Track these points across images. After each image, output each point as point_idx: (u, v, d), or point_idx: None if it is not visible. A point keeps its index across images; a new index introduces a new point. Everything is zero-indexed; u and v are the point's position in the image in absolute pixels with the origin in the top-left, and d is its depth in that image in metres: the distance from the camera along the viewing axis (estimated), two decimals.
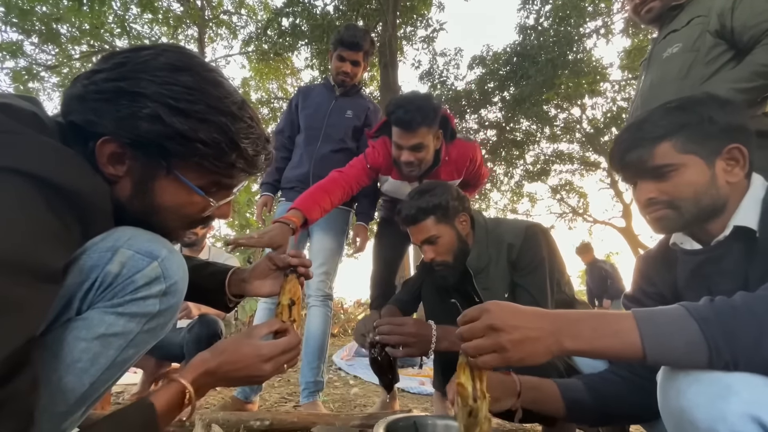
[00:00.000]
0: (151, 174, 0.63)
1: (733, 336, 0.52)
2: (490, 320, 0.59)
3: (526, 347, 0.57)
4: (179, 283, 0.65)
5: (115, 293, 0.59)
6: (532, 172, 12.47)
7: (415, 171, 1.59)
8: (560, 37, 9.58)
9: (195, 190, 0.66)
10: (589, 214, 13.74)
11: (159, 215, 0.67)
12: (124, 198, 0.64)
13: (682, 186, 0.76)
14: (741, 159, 0.76)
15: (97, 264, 0.58)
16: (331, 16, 9.34)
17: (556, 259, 1.29)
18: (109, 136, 0.59)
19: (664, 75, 1.39)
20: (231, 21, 12.38)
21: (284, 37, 9.59)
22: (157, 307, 0.62)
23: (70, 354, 0.56)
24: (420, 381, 2.70)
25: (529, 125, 11.60)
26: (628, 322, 0.56)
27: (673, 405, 0.57)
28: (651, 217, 0.81)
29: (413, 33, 10.58)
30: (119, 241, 0.60)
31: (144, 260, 0.60)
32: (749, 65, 1.21)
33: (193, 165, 0.63)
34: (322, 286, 1.89)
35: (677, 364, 0.56)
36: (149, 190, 0.64)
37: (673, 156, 0.76)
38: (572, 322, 0.58)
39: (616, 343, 0.56)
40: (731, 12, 1.26)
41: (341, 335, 6.42)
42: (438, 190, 1.28)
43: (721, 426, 0.50)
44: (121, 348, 0.60)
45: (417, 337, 1.14)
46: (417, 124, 1.47)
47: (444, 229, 1.26)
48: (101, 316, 0.58)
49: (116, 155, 0.61)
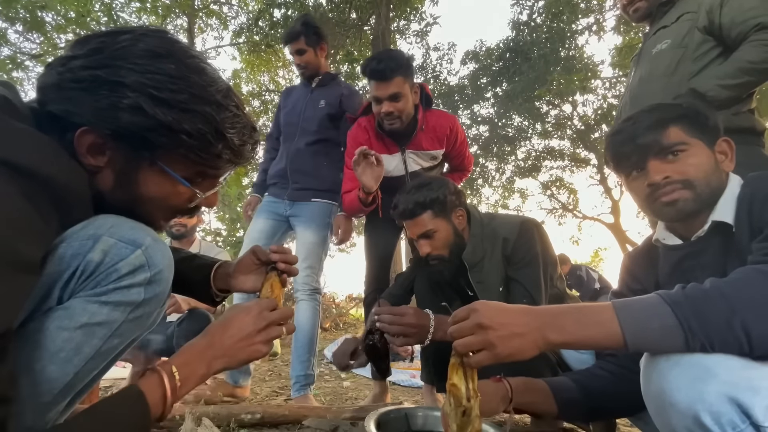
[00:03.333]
0: (134, 165, 0.61)
1: (705, 317, 0.54)
2: (478, 318, 0.61)
3: (514, 343, 0.60)
4: (164, 272, 0.63)
5: (97, 282, 0.57)
6: (523, 168, 12.55)
7: (396, 123, 1.63)
8: (553, 33, 9.62)
9: (180, 182, 0.64)
10: (578, 210, 13.89)
11: (143, 206, 0.65)
12: (105, 188, 0.62)
13: (694, 165, 0.79)
14: (729, 152, 0.81)
15: (78, 252, 0.56)
16: (323, 8, 9.24)
17: (549, 254, 1.30)
18: (88, 127, 0.57)
19: (653, 71, 1.41)
20: (221, 11, 12.16)
21: (276, 28, 9.45)
22: (141, 296, 0.60)
23: (53, 343, 0.54)
24: (411, 374, 2.71)
25: (521, 121, 11.66)
26: (608, 312, 0.58)
27: (655, 388, 0.59)
28: (665, 200, 0.80)
29: (407, 27, 10.52)
30: (101, 229, 0.58)
31: (127, 248, 0.59)
32: (735, 62, 1.22)
33: (178, 156, 0.62)
34: (308, 280, 1.89)
35: (657, 348, 0.58)
36: (132, 181, 0.62)
37: (684, 137, 0.80)
38: (555, 316, 0.61)
39: (598, 333, 0.58)
40: (719, 8, 1.27)
41: (333, 329, 6.42)
42: (435, 185, 1.28)
43: (700, 407, 0.52)
44: (105, 337, 0.58)
45: (416, 327, 1.15)
46: (391, 72, 1.55)
47: (441, 223, 1.26)
48: (84, 305, 0.56)
49: (96, 146, 0.59)
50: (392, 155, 1.76)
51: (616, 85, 10.43)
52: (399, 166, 1.77)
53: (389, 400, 1.90)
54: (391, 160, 1.75)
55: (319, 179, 1.94)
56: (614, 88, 10.56)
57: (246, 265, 0.86)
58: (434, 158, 1.81)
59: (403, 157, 1.76)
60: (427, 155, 1.78)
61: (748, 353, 0.53)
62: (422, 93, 1.73)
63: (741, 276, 0.58)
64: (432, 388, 1.73)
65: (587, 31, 9.75)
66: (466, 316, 0.64)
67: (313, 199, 1.94)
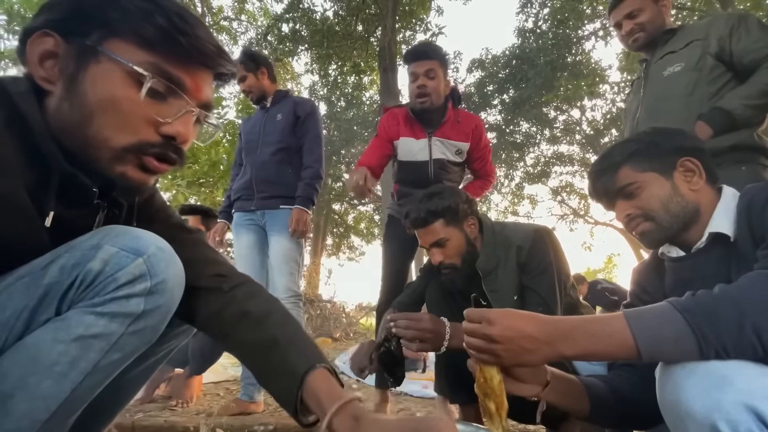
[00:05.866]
0: (81, 63, 0.54)
1: (716, 322, 0.54)
2: (488, 330, 0.63)
3: (522, 357, 0.62)
4: (168, 282, 0.59)
5: (96, 292, 0.55)
6: (532, 174, 12.50)
7: (426, 102, 1.77)
8: (559, 39, 9.64)
9: (128, 66, 0.53)
10: (590, 216, 13.75)
11: (95, 120, 0.54)
12: (55, 109, 0.55)
13: (649, 198, 0.85)
14: (695, 169, 0.85)
15: (80, 262, 0.55)
16: (330, 21, 9.41)
17: (562, 262, 1.29)
18: (40, 30, 0.54)
19: (668, 91, 1.51)
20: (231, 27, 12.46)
21: (284, 42, 9.65)
22: (141, 307, 0.57)
23: (48, 356, 0.52)
24: (423, 384, 2.69)
25: (528, 127, 11.65)
26: (620, 322, 0.58)
27: (670, 398, 0.58)
28: (636, 233, 0.89)
29: (412, 37, 10.64)
30: (105, 238, 0.57)
31: (128, 257, 0.56)
32: (757, 84, 1.34)
33: (124, 40, 0.54)
34: (290, 285, 1.91)
35: (671, 357, 0.58)
36: (80, 86, 0.53)
37: (633, 175, 0.87)
38: (567, 330, 0.61)
39: (611, 345, 0.58)
40: (729, 37, 1.41)
41: (343, 339, 6.41)
42: (446, 193, 1.28)
43: (717, 415, 0.51)
44: (103, 351, 0.55)
45: (432, 333, 1.14)
46: (431, 52, 1.78)
47: (453, 231, 1.26)
48: (80, 316, 0.54)
49: (47, 52, 0.54)
50: (418, 140, 1.85)
51: (625, 89, 10.37)
52: (424, 150, 1.84)
53: (389, 409, 1.89)
54: (416, 144, 1.85)
55: (285, 187, 1.98)
56: (623, 92, 10.51)
57: None
58: (459, 152, 1.88)
59: (429, 143, 1.84)
60: (453, 146, 1.86)
61: (762, 357, 0.53)
62: (454, 92, 1.90)
63: (748, 281, 0.58)
64: (445, 399, 1.71)
65: (593, 36, 9.76)
66: (478, 320, 0.65)
67: (282, 206, 1.97)
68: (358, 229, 15.66)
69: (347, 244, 16.31)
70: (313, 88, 11.32)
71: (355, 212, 15.64)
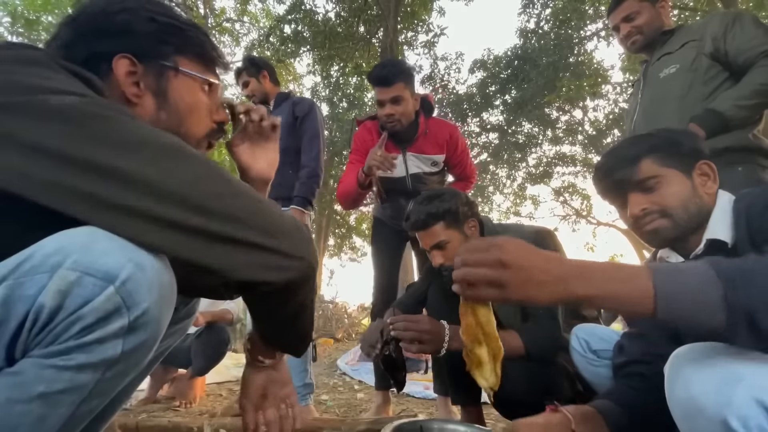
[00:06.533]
0: (164, 80, 0.67)
1: (749, 275, 0.51)
2: (500, 254, 0.56)
3: (530, 290, 0.56)
4: (152, 310, 0.47)
5: (55, 335, 0.42)
6: (534, 175, 12.47)
7: (396, 125, 1.76)
8: (561, 40, 9.63)
9: (201, 78, 0.70)
10: (592, 216, 13.71)
11: (186, 121, 0.69)
12: (152, 116, 0.66)
13: (669, 195, 0.83)
14: (711, 174, 0.84)
15: (28, 294, 0.42)
16: (332, 22, 9.43)
17: None
18: (118, 54, 0.62)
19: (665, 93, 1.51)
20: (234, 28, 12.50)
21: (286, 43, 9.68)
22: (119, 349, 0.45)
23: (6, 420, 0.41)
24: (425, 385, 2.69)
25: (531, 128, 11.62)
26: (642, 270, 0.55)
27: (680, 394, 0.57)
28: (647, 229, 0.86)
29: (414, 38, 10.66)
30: (63, 254, 0.43)
31: (95, 285, 0.43)
32: (749, 84, 1.32)
33: (189, 57, 0.69)
34: None
35: (689, 312, 0.53)
36: (169, 97, 0.67)
37: (656, 169, 0.84)
38: (583, 268, 0.56)
39: (627, 288, 0.54)
40: (724, 37, 1.39)
41: (345, 340, 6.42)
42: (446, 196, 1.29)
43: (728, 411, 0.50)
44: (75, 404, 0.45)
45: (431, 335, 1.15)
46: (394, 77, 1.72)
47: (453, 234, 1.27)
48: (37, 370, 0.42)
49: (130, 71, 0.64)
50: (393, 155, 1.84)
51: (627, 90, 10.35)
52: (400, 166, 1.85)
53: (391, 411, 1.90)
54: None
55: (287, 188, 1.99)
56: (625, 92, 10.48)
57: None
58: (435, 163, 1.88)
59: (404, 158, 1.85)
60: (428, 159, 1.86)
61: None
62: (425, 102, 1.87)
63: None
64: (446, 399, 1.72)
65: (595, 36, 9.74)
66: (486, 248, 0.58)
67: (284, 208, 1.98)
68: (360, 229, 15.66)
69: (349, 244, 16.32)
70: (315, 89, 11.35)
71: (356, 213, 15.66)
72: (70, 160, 0.46)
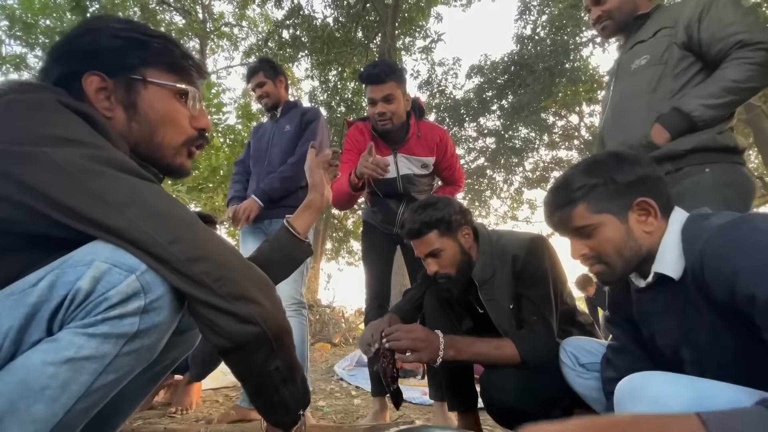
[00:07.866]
0: (133, 93, 0.69)
1: None
2: None
3: None
4: (164, 298, 0.58)
5: (87, 312, 0.53)
6: (531, 179, 12.52)
7: (387, 124, 1.76)
8: (557, 46, 9.69)
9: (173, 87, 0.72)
10: None
11: (159, 130, 0.71)
12: (124, 128, 0.69)
13: (603, 242, 0.82)
14: (651, 209, 0.81)
15: (69, 280, 0.54)
16: (330, 27, 9.48)
17: (558, 270, 1.31)
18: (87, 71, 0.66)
19: (633, 88, 1.37)
20: (232, 33, 12.54)
21: (285, 48, 9.71)
22: (136, 327, 0.55)
23: (37, 380, 0.50)
24: (422, 391, 2.69)
25: (527, 133, 11.69)
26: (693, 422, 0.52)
27: None
28: (590, 272, 0.89)
29: (412, 43, 10.73)
30: (96, 253, 0.55)
31: (120, 274, 0.55)
32: (719, 81, 1.18)
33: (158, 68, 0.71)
34: (293, 292, 1.91)
35: None
36: (140, 108, 0.70)
37: (589, 217, 0.83)
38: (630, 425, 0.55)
39: None
40: (698, 23, 1.23)
41: (342, 344, 6.39)
42: (440, 204, 1.30)
43: None
44: (96, 373, 0.54)
45: (426, 343, 1.16)
46: (386, 76, 1.73)
47: (447, 242, 1.28)
48: (71, 337, 0.52)
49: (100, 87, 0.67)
50: (384, 157, 1.84)
51: None
52: (391, 168, 1.85)
53: (388, 417, 1.89)
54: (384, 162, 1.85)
55: (295, 198, 1.99)
56: None
57: None
58: (425, 165, 1.89)
59: (395, 160, 1.86)
60: (418, 161, 1.87)
61: None
62: (416, 105, 1.88)
63: None
64: (443, 405, 1.72)
65: (591, 42, 9.82)
66: None
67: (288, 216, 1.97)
68: (357, 233, 15.63)
69: (347, 248, 16.29)
70: (313, 94, 11.36)
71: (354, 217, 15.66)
72: (60, 206, 0.55)
